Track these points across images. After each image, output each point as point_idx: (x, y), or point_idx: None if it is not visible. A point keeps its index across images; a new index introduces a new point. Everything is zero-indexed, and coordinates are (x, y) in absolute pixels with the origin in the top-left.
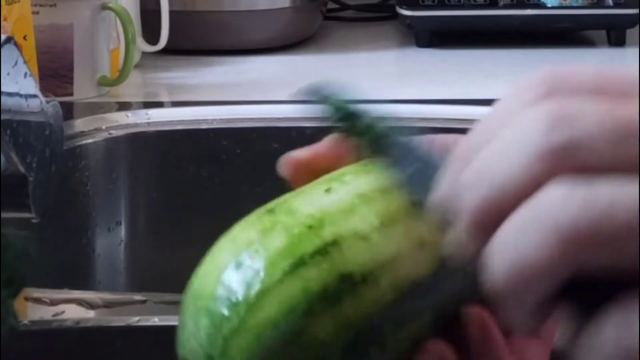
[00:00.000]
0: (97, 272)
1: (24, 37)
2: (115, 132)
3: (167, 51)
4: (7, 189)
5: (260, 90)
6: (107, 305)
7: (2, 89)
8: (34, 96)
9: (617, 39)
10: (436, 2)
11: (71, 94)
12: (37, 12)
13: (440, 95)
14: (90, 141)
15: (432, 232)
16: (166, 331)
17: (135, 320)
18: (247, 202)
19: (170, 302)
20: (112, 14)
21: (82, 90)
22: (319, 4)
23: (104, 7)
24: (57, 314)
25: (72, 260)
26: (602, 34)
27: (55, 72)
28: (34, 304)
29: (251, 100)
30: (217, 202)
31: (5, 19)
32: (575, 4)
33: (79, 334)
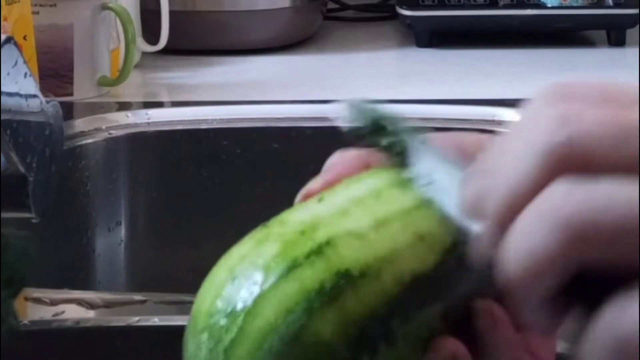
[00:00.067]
0: (97, 272)
1: (24, 37)
2: (115, 132)
3: (167, 51)
4: (7, 189)
5: (260, 90)
6: (107, 305)
7: (2, 89)
8: (34, 96)
9: (617, 39)
10: (436, 2)
11: (71, 94)
12: (37, 12)
13: (440, 95)
14: (90, 141)
15: (433, 226)
16: (166, 331)
17: (135, 320)
18: (247, 202)
19: (170, 302)
20: (112, 14)
21: (82, 90)
22: (319, 4)
23: (104, 7)
24: (57, 314)
25: (72, 260)
26: (602, 34)
27: (55, 72)
28: (34, 304)
29: (251, 100)
30: (217, 202)
31: (5, 19)
32: (575, 4)
33: (79, 334)
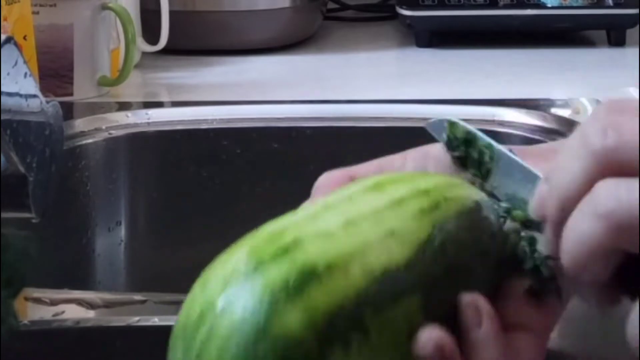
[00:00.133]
0: (97, 272)
1: (24, 37)
2: (115, 132)
3: (167, 51)
4: (7, 189)
5: (260, 90)
6: (107, 305)
7: (2, 89)
8: (34, 96)
9: (617, 39)
10: (436, 2)
11: (71, 94)
12: (37, 12)
13: (440, 95)
14: (90, 141)
15: (406, 222)
16: (166, 331)
17: (135, 320)
18: (247, 202)
19: (170, 302)
20: (112, 14)
21: (82, 90)
22: (319, 4)
23: (104, 7)
24: (57, 314)
25: (72, 260)
26: (602, 34)
27: (55, 72)
28: (34, 304)
29: (251, 100)
30: (217, 202)
31: (5, 19)
32: (575, 4)
33: (79, 334)
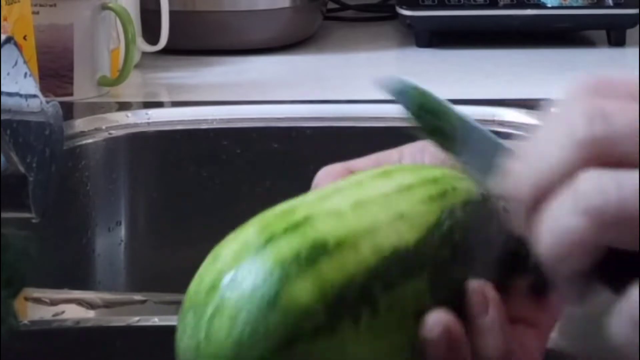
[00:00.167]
0: (97, 272)
1: (24, 37)
2: (115, 132)
3: (167, 51)
4: (7, 189)
5: (260, 90)
6: (107, 305)
7: (2, 89)
8: (34, 96)
9: (617, 39)
10: (436, 2)
11: (71, 94)
12: (37, 12)
13: (440, 95)
14: (90, 141)
15: (415, 206)
16: (166, 331)
17: (135, 320)
18: (247, 202)
19: (170, 302)
20: (112, 14)
21: (82, 90)
22: (319, 4)
23: (104, 7)
24: (57, 314)
25: (72, 260)
26: (602, 34)
27: (55, 72)
28: (34, 304)
29: (251, 100)
30: (217, 202)
31: (5, 19)
32: (575, 4)
33: (79, 334)
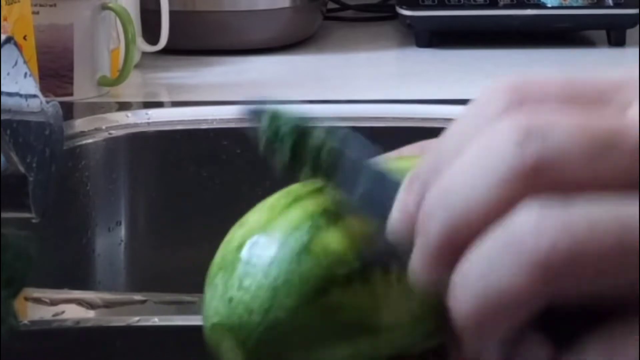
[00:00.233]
0: (97, 272)
1: (24, 37)
2: (115, 132)
3: (167, 51)
4: (7, 189)
5: (260, 90)
6: (107, 305)
7: (2, 89)
8: (34, 96)
9: (617, 39)
10: (436, 2)
11: (71, 94)
12: (37, 12)
13: (440, 95)
14: (90, 141)
15: None
16: (166, 331)
17: (135, 320)
18: (247, 202)
19: (170, 302)
20: (112, 14)
21: (82, 90)
22: (319, 4)
23: (104, 7)
24: (57, 314)
25: (72, 260)
26: (602, 34)
27: (55, 72)
28: (34, 304)
29: (251, 100)
30: (217, 202)
31: (5, 19)
32: (575, 4)
33: (79, 334)
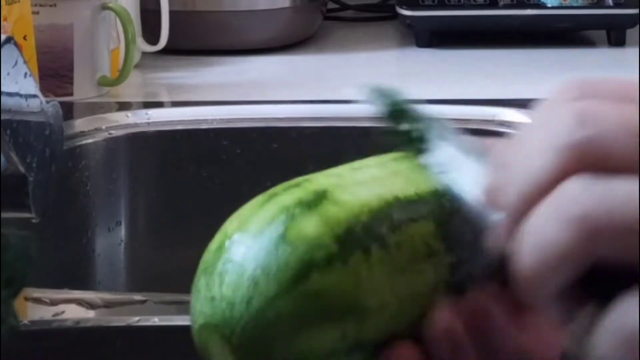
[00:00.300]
0: (97, 272)
1: (24, 37)
2: (115, 132)
3: (167, 51)
4: (7, 189)
5: (260, 90)
6: (107, 305)
7: (2, 89)
8: (34, 96)
9: (617, 39)
10: (436, 2)
11: (71, 94)
12: (37, 12)
13: (440, 95)
14: (90, 141)
15: (410, 167)
16: (166, 331)
17: (135, 320)
18: (247, 202)
19: (170, 302)
20: (112, 14)
21: (82, 90)
22: (319, 4)
23: (104, 7)
24: (57, 314)
25: (72, 260)
26: (602, 34)
27: (55, 72)
28: (34, 304)
29: (251, 100)
30: (217, 202)
31: (5, 19)
32: (575, 4)
33: (79, 334)
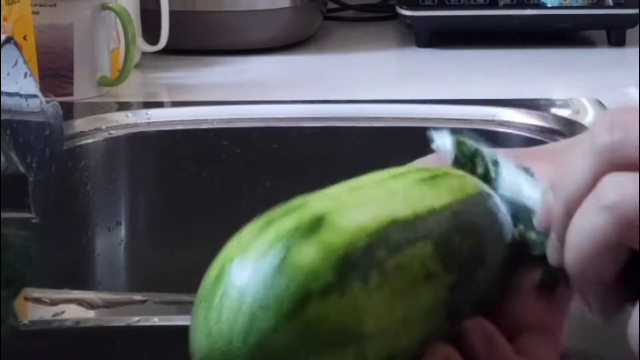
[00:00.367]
0: (97, 272)
1: (24, 37)
2: (115, 132)
3: (167, 51)
4: (7, 189)
5: (260, 90)
6: (107, 305)
7: (2, 89)
8: (34, 96)
9: (617, 39)
10: (436, 2)
11: (71, 94)
12: (37, 12)
13: (440, 95)
14: (90, 141)
15: (407, 186)
16: (166, 331)
17: (135, 320)
18: (247, 202)
19: (170, 302)
20: (112, 14)
21: (82, 90)
22: (319, 4)
23: (104, 7)
24: (57, 314)
25: (72, 260)
26: (602, 34)
27: (55, 72)
28: (34, 304)
29: (251, 100)
30: (217, 202)
31: (5, 19)
32: (575, 4)
33: (79, 334)
